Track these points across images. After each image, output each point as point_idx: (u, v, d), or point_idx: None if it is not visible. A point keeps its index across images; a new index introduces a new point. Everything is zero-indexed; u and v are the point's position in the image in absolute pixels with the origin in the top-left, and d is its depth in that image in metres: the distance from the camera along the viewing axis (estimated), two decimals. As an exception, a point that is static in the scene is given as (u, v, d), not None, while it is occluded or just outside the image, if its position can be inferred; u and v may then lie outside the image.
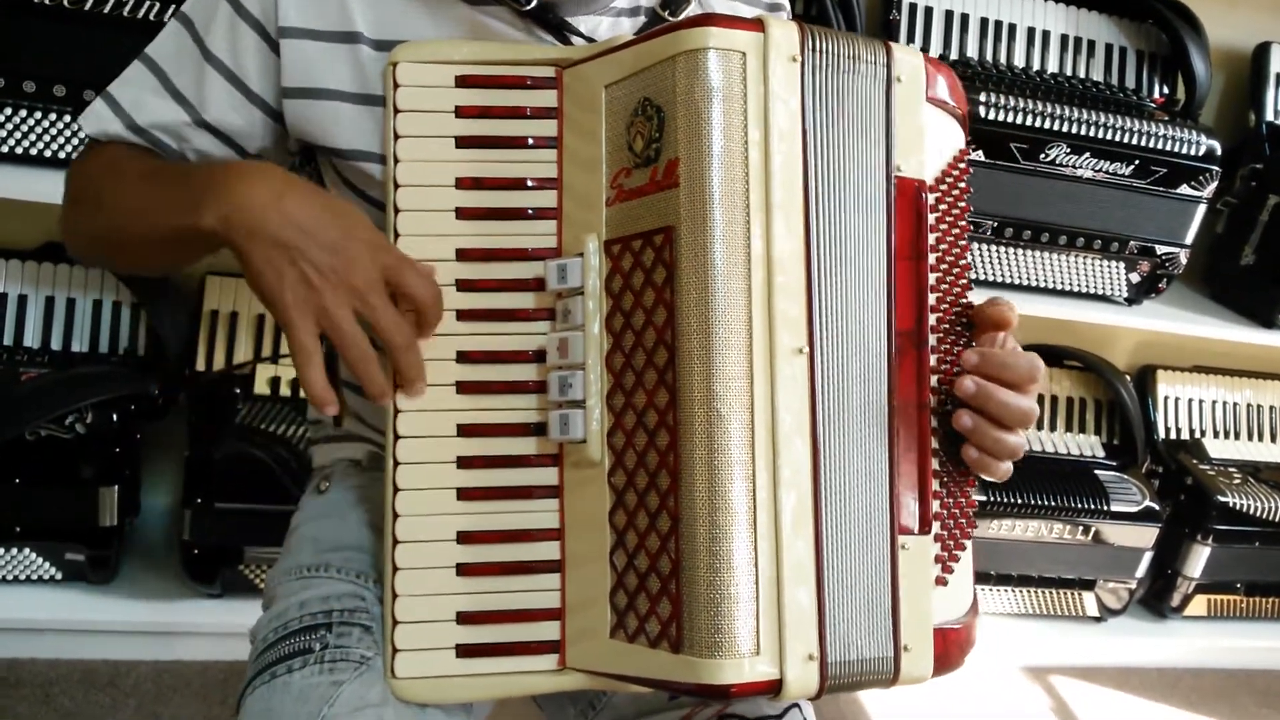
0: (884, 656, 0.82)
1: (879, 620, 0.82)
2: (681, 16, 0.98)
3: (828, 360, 0.80)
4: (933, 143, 0.87)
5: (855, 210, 0.82)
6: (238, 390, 1.97)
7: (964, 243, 0.89)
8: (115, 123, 0.99)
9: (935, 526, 0.86)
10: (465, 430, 0.85)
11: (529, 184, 0.87)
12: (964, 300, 0.89)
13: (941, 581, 0.86)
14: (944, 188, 0.88)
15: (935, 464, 0.86)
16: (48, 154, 1.76)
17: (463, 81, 0.87)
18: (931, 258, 0.86)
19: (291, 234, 0.79)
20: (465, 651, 0.84)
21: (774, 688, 0.76)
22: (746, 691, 0.75)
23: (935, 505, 0.86)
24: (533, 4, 0.92)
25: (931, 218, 0.87)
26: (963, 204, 0.89)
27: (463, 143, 0.86)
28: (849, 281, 0.82)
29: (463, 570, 0.84)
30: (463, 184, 0.86)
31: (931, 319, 0.86)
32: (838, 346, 0.81)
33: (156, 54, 0.99)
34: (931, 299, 0.86)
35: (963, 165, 0.90)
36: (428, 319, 0.84)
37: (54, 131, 1.75)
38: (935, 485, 0.86)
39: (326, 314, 0.80)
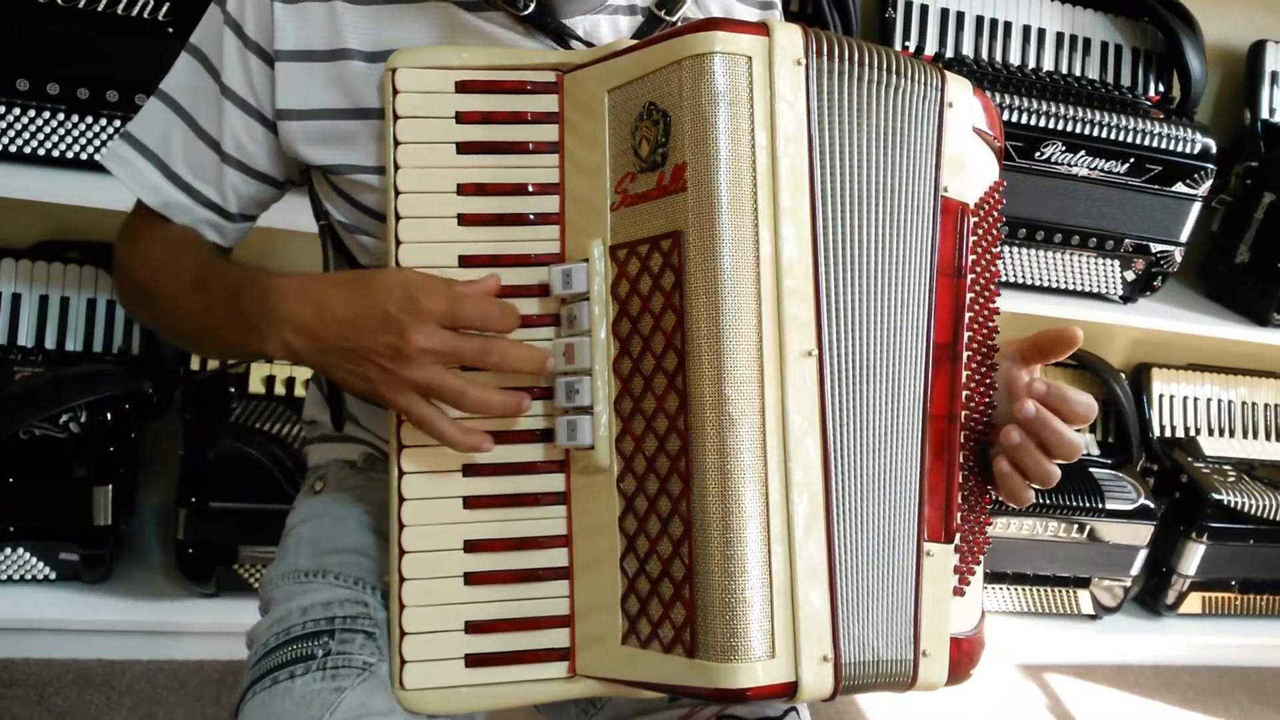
0: (903, 659, 0.82)
1: (900, 623, 0.82)
2: (677, 15, 0.98)
3: (842, 362, 0.80)
4: (974, 170, 0.89)
5: (883, 217, 0.83)
6: (232, 389, 1.97)
7: (995, 269, 0.90)
8: (150, 169, 0.99)
9: (956, 538, 0.87)
10: None
11: (530, 189, 0.86)
12: (991, 324, 0.90)
13: (959, 592, 0.87)
14: (981, 213, 0.89)
15: (959, 477, 0.87)
16: (41, 152, 1.75)
17: (463, 87, 0.86)
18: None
19: (346, 337, 0.82)
20: (474, 661, 0.83)
21: (789, 690, 0.76)
22: (763, 695, 0.75)
23: (957, 517, 0.86)
24: (530, 8, 0.92)
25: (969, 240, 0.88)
26: (995, 232, 0.90)
27: (464, 148, 0.86)
28: (871, 286, 0.82)
29: (470, 579, 0.84)
30: (465, 190, 0.85)
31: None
32: (855, 349, 0.81)
33: (173, 90, 0.99)
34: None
35: (997, 196, 0.91)
36: (503, 329, 0.83)
37: (48, 130, 1.74)
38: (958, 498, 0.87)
39: (420, 385, 0.81)
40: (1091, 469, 2.34)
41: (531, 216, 0.86)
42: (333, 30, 0.92)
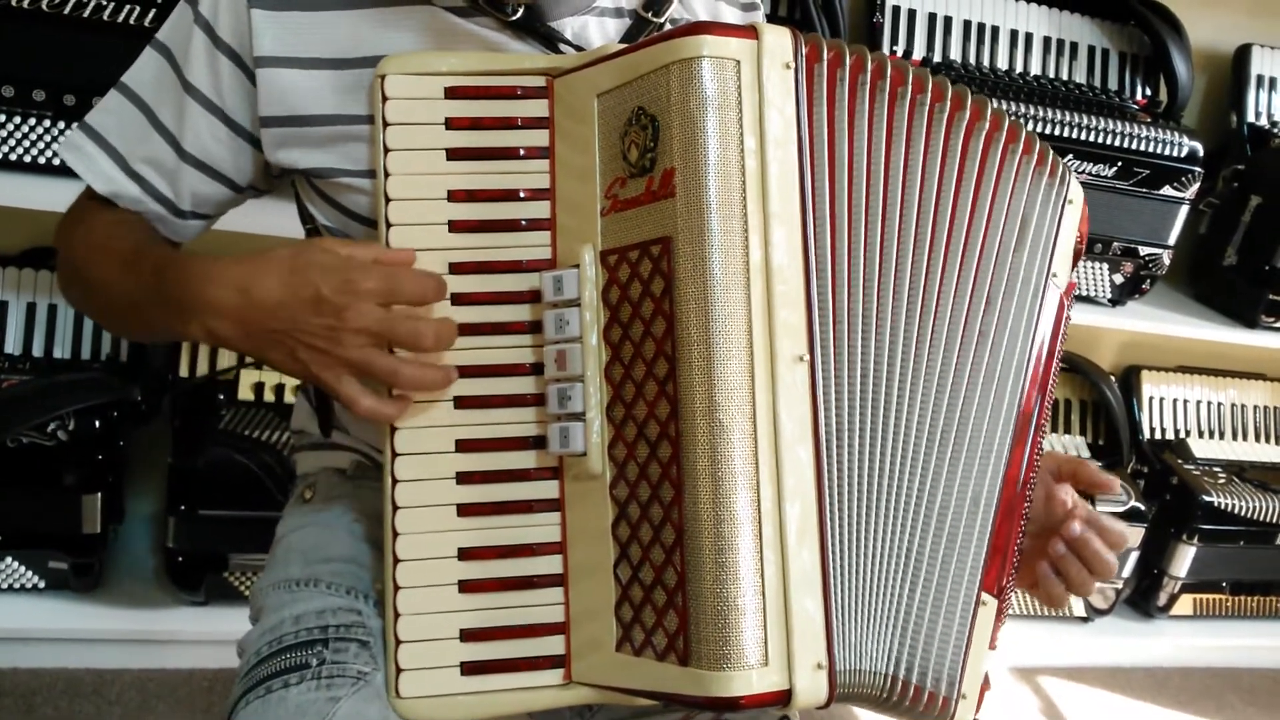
0: (946, 696, 0.83)
1: (946, 659, 0.83)
2: (664, 17, 0.98)
3: (845, 369, 0.81)
4: (1067, 267, 0.92)
5: (931, 238, 0.84)
6: (221, 396, 1.97)
7: (1056, 360, 0.92)
8: (105, 159, 0.98)
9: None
10: (464, 445, 0.84)
11: (521, 195, 0.86)
12: (1048, 410, 0.92)
13: (993, 645, 0.88)
14: (1066, 303, 0.92)
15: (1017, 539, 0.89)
16: (28, 159, 1.74)
17: (452, 93, 0.86)
18: None
19: (276, 319, 0.80)
20: (470, 669, 0.83)
21: (783, 698, 0.76)
22: (757, 703, 0.75)
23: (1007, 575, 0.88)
24: (519, 14, 0.92)
25: None
26: (1065, 328, 0.92)
27: (454, 155, 0.86)
28: (899, 299, 0.83)
29: (465, 587, 0.84)
30: (455, 196, 0.85)
31: None
32: (866, 357, 0.82)
33: (135, 84, 0.98)
34: None
35: (1070, 296, 0.93)
36: (437, 300, 0.83)
37: (34, 137, 1.73)
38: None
39: (352, 364, 0.81)
40: (1081, 471, 2.34)
41: (523, 222, 0.86)
42: (317, 37, 0.92)
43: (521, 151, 0.86)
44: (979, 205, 0.86)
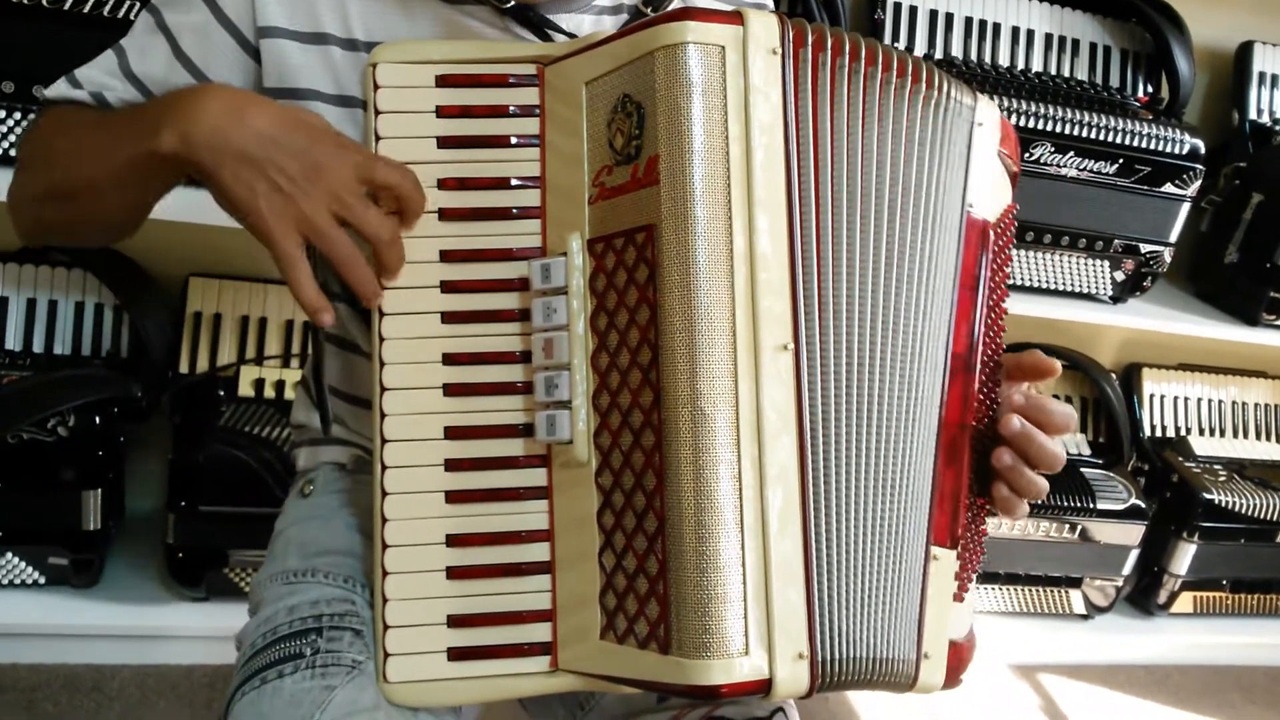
0: (906, 659, 0.82)
1: (904, 624, 0.82)
2: (663, 12, 0.97)
3: (829, 358, 0.80)
4: (995, 191, 0.90)
5: (895, 221, 0.83)
6: (221, 392, 1.97)
7: (1003, 289, 0.91)
8: (81, 95, 0.97)
9: (959, 545, 0.87)
10: (452, 433, 0.84)
11: (513, 183, 0.86)
12: (998, 341, 0.91)
13: (959, 598, 0.87)
14: (995, 233, 0.90)
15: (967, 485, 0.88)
16: (27, 155, 1.74)
17: (443, 81, 0.86)
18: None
19: (257, 145, 0.78)
20: (457, 655, 0.83)
21: (764, 687, 0.75)
22: (737, 692, 0.75)
23: (962, 524, 0.87)
24: (512, 2, 0.92)
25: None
26: (1007, 253, 0.91)
27: (445, 143, 0.85)
28: (875, 285, 0.82)
29: (453, 573, 0.83)
30: (446, 185, 0.85)
31: None
32: (849, 346, 0.81)
33: (128, 45, 0.98)
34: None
35: (1009, 219, 0.92)
36: (410, 207, 0.83)
37: (33, 132, 1.74)
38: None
39: (306, 220, 0.79)
40: (1082, 469, 2.34)
41: (514, 210, 0.86)
42: (314, 9, 0.92)
43: (513, 139, 0.86)
44: (922, 171, 0.85)
